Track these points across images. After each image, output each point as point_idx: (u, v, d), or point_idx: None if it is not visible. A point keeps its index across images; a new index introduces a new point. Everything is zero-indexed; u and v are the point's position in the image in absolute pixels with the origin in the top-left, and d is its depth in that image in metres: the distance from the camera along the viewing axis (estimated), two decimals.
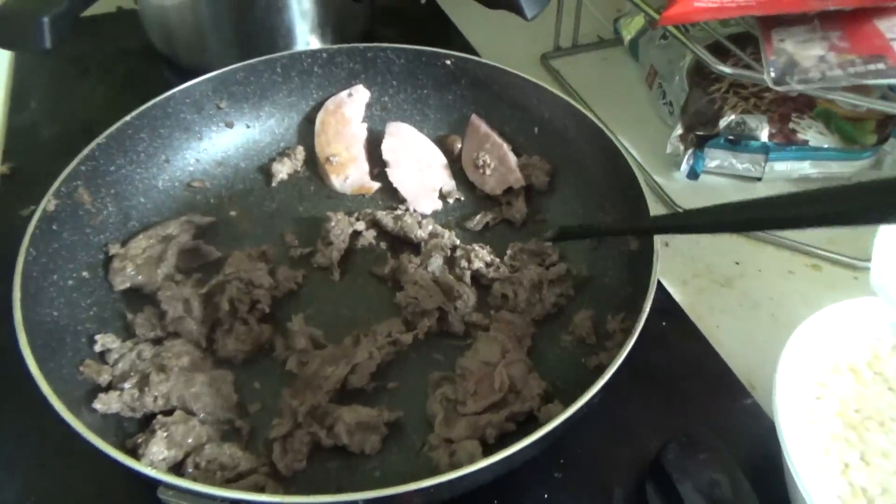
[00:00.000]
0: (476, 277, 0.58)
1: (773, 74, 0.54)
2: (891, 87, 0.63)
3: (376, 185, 0.66)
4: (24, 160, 0.72)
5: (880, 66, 0.52)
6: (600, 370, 0.42)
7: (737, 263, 0.63)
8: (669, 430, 0.47)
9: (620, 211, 0.57)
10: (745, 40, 0.61)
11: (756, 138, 0.67)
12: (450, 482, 0.37)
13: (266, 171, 0.67)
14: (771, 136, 0.67)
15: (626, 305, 0.50)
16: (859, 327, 0.49)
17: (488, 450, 0.45)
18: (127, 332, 0.53)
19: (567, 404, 0.41)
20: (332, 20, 0.80)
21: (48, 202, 0.52)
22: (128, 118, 0.59)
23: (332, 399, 0.49)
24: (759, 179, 0.69)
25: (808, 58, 0.54)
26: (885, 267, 0.47)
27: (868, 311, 0.49)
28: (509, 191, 0.64)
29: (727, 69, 0.58)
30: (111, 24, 0.90)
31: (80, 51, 0.86)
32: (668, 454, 0.43)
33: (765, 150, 0.67)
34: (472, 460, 0.42)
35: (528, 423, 0.48)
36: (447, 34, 0.91)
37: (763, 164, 0.68)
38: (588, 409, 0.43)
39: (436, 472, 0.38)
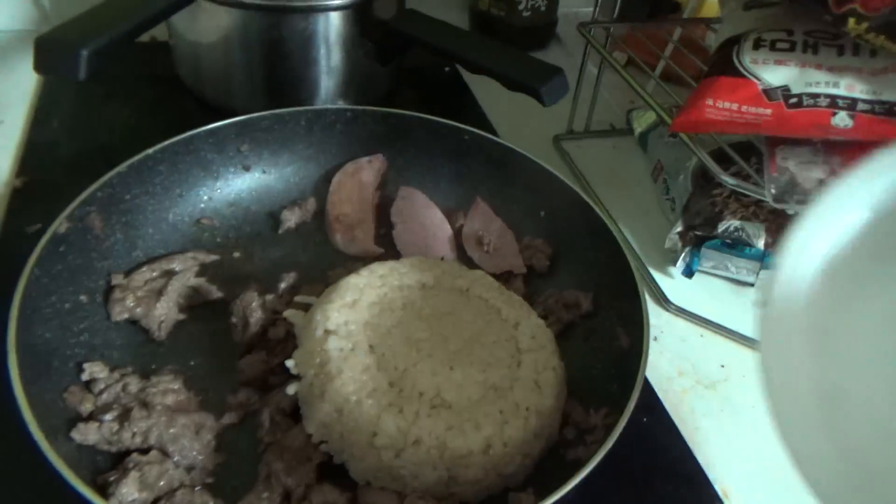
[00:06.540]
0: None
1: (773, 191, 0.56)
2: None
3: (379, 251, 0.67)
4: (38, 176, 0.73)
5: None
6: (577, 465, 0.43)
7: (722, 366, 0.64)
8: None
9: (616, 307, 0.58)
10: (748, 150, 0.64)
11: (753, 245, 0.69)
12: None
13: (275, 217, 0.68)
14: (767, 245, 0.69)
15: (610, 401, 0.51)
16: None
17: None
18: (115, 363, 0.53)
19: (540, 496, 0.41)
20: (358, 79, 0.83)
21: (60, 224, 0.53)
22: (150, 151, 0.61)
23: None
24: (752, 285, 0.71)
25: (808, 179, 0.57)
26: None
27: None
28: (509, 273, 0.65)
29: (730, 180, 0.60)
30: (142, 52, 0.92)
31: (108, 74, 0.87)
32: None
33: (761, 257, 0.69)
34: None
35: None
36: (465, 103, 0.94)
37: (758, 271, 0.70)
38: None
39: None
